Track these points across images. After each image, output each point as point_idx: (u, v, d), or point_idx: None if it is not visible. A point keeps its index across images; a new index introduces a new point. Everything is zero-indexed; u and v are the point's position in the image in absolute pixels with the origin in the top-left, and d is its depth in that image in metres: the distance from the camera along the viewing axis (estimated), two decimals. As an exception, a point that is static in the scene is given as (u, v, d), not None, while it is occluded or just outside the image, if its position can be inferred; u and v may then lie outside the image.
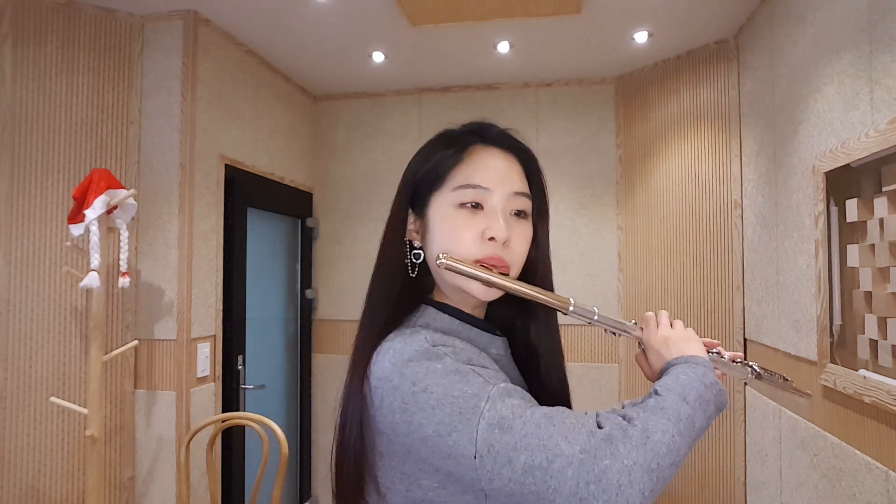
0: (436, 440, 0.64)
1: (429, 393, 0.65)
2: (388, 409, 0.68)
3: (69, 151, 2.13)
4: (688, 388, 0.68)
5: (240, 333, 2.62)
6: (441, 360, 0.68)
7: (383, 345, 0.73)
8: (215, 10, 2.30)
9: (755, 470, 2.33)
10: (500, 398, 0.64)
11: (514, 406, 0.63)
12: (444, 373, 0.66)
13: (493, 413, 0.62)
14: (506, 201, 0.78)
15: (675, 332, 0.81)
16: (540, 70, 2.99)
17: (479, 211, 0.77)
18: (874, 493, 1.42)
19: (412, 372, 0.67)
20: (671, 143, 2.75)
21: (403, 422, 0.66)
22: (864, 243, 1.48)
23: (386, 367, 0.69)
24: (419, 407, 0.65)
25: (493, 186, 0.77)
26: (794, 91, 1.90)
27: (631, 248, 2.98)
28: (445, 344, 0.71)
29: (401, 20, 2.40)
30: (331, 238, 3.37)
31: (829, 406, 1.69)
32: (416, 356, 0.68)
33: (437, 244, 0.77)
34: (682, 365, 0.74)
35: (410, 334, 0.72)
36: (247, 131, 2.67)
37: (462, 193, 0.77)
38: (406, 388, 0.67)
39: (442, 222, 0.77)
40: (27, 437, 2.01)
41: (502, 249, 0.76)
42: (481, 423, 0.62)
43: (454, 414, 0.63)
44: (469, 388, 0.65)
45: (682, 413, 0.65)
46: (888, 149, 1.34)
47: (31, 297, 2.03)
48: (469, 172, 0.78)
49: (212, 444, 2.11)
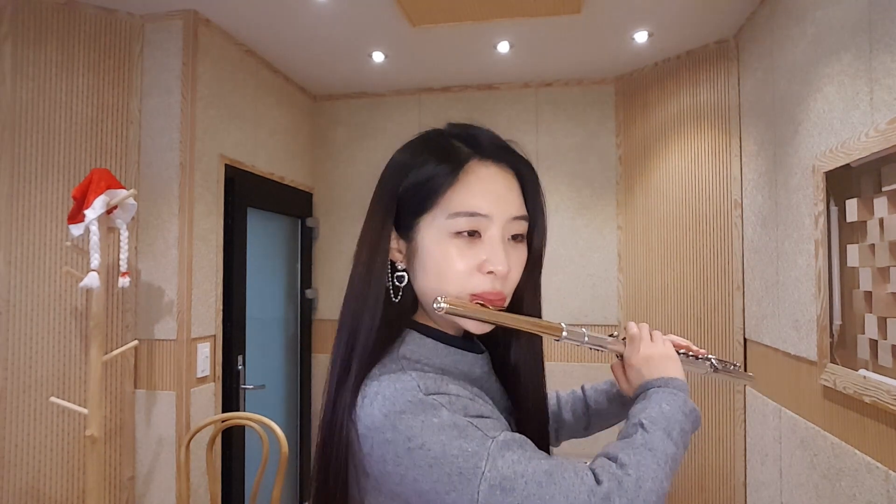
0: (432, 496, 0.62)
1: (426, 450, 0.62)
2: (378, 460, 0.65)
3: (69, 151, 2.13)
4: (672, 423, 0.70)
5: (240, 333, 2.62)
6: (437, 413, 0.64)
7: (369, 386, 0.68)
8: (215, 10, 2.30)
9: (755, 470, 2.33)
10: (499, 454, 0.62)
11: (514, 463, 0.62)
12: (440, 428, 0.63)
13: (494, 473, 0.61)
14: (504, 228, 0.72)
15: (656, 350, 0.81)
16: (540, 70, 2.99)
17: (476, 240, 0.71)
18: (874, 493, 1.42)
19: (406, 426, 0.63)
20: (671, 142, 2.75)
21: (396, 474, 0.64)
22: (864, 243, 1.48)
23: (377, 416, 0.65)
24: (415, 464, 0.62)
25: (492, 213, 0.71)
26: (794, 91, 1.90)
27: (631, 248, 2.98)
28: (439, 391, 0.66)
29: (401, 20, 2.40)
30: (331, 238, 3.37)
31: (829, 406, 1.69)
32: (410, 407, 0.64)
33: (429, 275, 0.72)
34: (663, 391, 0.74)
35: (398, 377, 0.67)
36: (247, 131, 2.67)
37: (458, 222, 0.70)
38: (400, 444, 0.63)
39: (434, 252, 0.71)
40: (27, 437, 2.01)
41: (500, 283, 0.72)
42: (482, 485, 0.60)
43: (454, 474, 0.61)
44: (468, 444, 0.62)
45: (668, 453, 0.67)
46: (888, 149, 1.34)
47: (31, 297, 2.03)
48: (466, 198, 0.70)
49: (212, 444, 2.11)
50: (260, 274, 2.88)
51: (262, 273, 2.93)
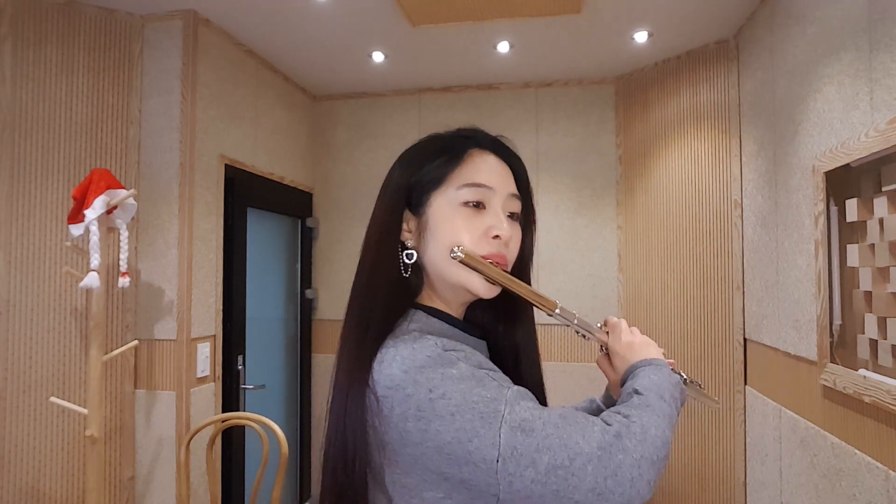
0: (454, 447, 0.64)
1: (447, 399, 0.65)
2: (398, 419, 0.67)
3: (69, 151, 2.13)
4: (662, 388, 0.75)
5: (240, 333, 2.62)
6: (455, 365, 0.68)
7: (385, 352, 0.71)
8: (215, 10, 2.30)
9: (755, 470, 2.33)
10: (516, 401, 0.66)
11: (530, 408, 0.65)
12: (460, 378, 0.66)
13: (513, 416, 0.64)
14: (504, 202, 0.80)
15: (636, 337, 0.86)
16: (540, 70, 2.99)
17: (481, 210, 0.78)
18: (874, 493, 1.42)
19: (427, 378, 0.66)
20: (671, 143, 2.75)
21: (417, 430, 0.66)
22: (864, 243, 1.48)
23: (396, 374, 0.68)
24: (437, 414, 0.65)
25: (495, 186, 0.79)
26: (794, 91, 1.90)
27: (631, 248, 2.98)
28: (456, 349, 0.71)
29: (401, 20, 2.40)
30: (331, 238, 3.37)
31: (829, 406, 1.69)
32: (430, 362, 0.67)
33: (440, 241, 0.77)
34: (648, 367, 0.79)
35: (416, 339, 0.71)
36: (247, 131, 2.67)
37: (467, 192, 0.78)
38: (422, 396, 0.65)
39: (445, 220, 0.78)
40: (27, 437, 2.01)
41: (504, 248, 0.78)
42: (503, 427, 0.63)
43: (475, 419, 0.64)
44: (487, 392, 0.66)
45: (664, 409, 0.71)
46: (888, 149, 1.34)
47: (31, 297, 2.03)
48: (472, 173, 0.79)
49: (212, 444, 2.11)
50: (260, 274, 2.88)
51: (262, 273, 2.93)
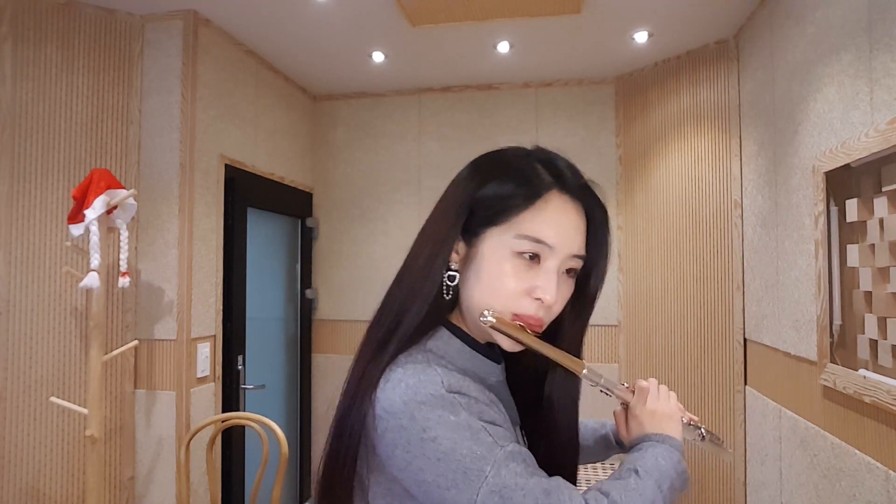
0: (432, 489, 0.65)
1: (437, 444, 0.65)
2: (389, 443, 0.67)
3: (69, 151, 2.13)
4: (664, 476, 0.72)
5: (240, 333, 2.62)
6: (455, 411, 0.67)
7: (394, 372, 0.70)
8: (215, 10, 2.30)
9: (755, 470, 2.33)
10: (505, 463, 0.65)
11: (517, 474, 0.64)
12: (455, 426, 0.65)
13: (496, 480, 0.63)
14: (562, 262, 0.75)
15: (660, 406, 0.83)
16: (540, 70, 2.99)
17: (534, 265, 0.73)
18: (874, 493, 1.42)
19: (424, 417, 0.66)
20: (671, 143, 2.75)
21: (403, 460, 0.66)
22: (864, 243, 1.48)
23: (396, 402, 0.67)
24: (424, 454, 0.65)
25: (556, 245, 0.73)
26: (794, 91, 1.90)
27: (631, 248, 2.98)
28: (461, 391, 0.69)
29: (401, 20, 2.40)
30: (331, 238, 3.37)
31: (829, 406, 1.69)
32: (431, 400, 0.67)
33: (482, 284, 0.74)
34: (661, 446, 0.77)
35: (424, 368, 0.70)
36: (247, 131, 2.67)
37: (523, 244, 0.73)
38: (414, 433, 0.66)
39: (492, 263, 0.74)
40: (27, 437, 2.01)
41: (544, 310, 0.74)
42: (483, 489, 0.63)
43: (458, 472, 0.64)
44: (478, 448, 0.65)
45: (656, 501, 0.69)
46: (888, 149, 1.34)
47: (31, 297, 2.03)
48: (538, 225, 0.73)
49: (212, 444, 2.11)
50: (260, 274, 2.88)
51: (262, 273, 2.93)
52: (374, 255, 3.30)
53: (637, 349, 2.92)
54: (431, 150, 3.27)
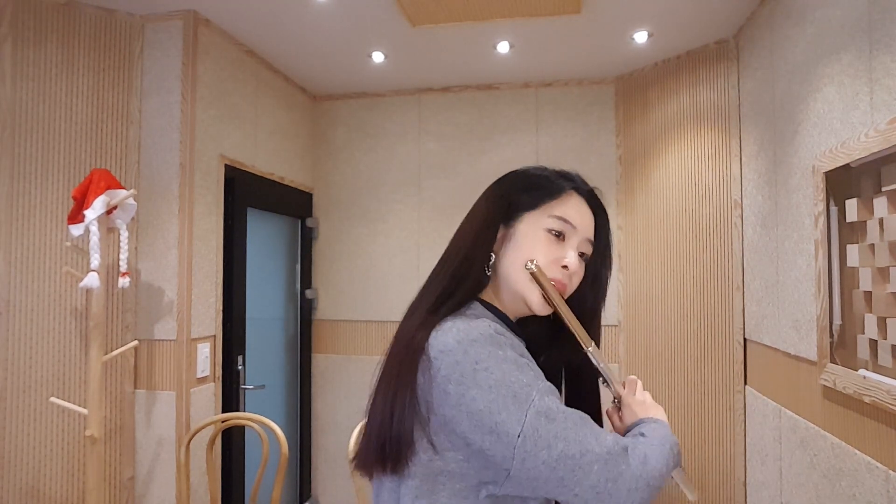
0: (484, 416, 0.73)
1: (489, 373, 0.74)
2: (443, 380, 0.76)
3: (69, 151, 2.13)
4: (664, 441, 0.84)
5: (240, 333, 2.62)
6: (503, 348, 0.78)
7: (444, 324, 0.81)
8: (215, 10, 2.30)
9: (755, 470, 2.33)
10: (546, 393, 0.76)
11: (556, 402, 0.76)
12: (504, 360, 0.76)
13: (541, 403, 0.74)
14: (580, 242, 0.92)
15: (648, 399, 0.95)
16: (540, 70, 2.99)
17: (560, 241, 0.90)
18: (874, 493, 1.42)
19: (476, 351, 0.76)
20: (671, 143, 2.75)
21: (456, 393, 0.75)
22: (864, 243, 1.48)
23: (450, 342, 0.77)
24: (477, 383, 0.74)
25: (579, 227, 0.91)
26: (794, 91, 1.90)
27: (631, 249, 2.98)
28: (505, 335, 0.81)
29: (401, 20, 2.40)
30: (331, 238, 3.37)
31: (829, 406, 1.69)
32: (481, 339, 0.77)
33: (521, 253, 0.89)
34: (655, 423, 0.88)
35: (472, 319, 0.81)
36: (247, 131, 2.67)
37: (554, 222, 0.90)
38: (468, 365, 0.75)
39: (529, 237, 0.90)
40: (27, 437, 2.01)
41: (567, 278, 0.90)
42: (531, 409, 0.73)
43: (508, 396, 0.73)
44: (524, 377, 0.76)
45: (664, 453, 0.81)
46: (888, 149, 1.34)
47: (31, 297, 2.03)
48: (565, 209, 0.91)
49: (212, 444, 2.11)
50: (260, 274, 2.88)
51: (262, 273, 2.93)
52: (374, 255, 3.30)
53: (637, 349, 2.92)
54: (431, 150, 3.27)
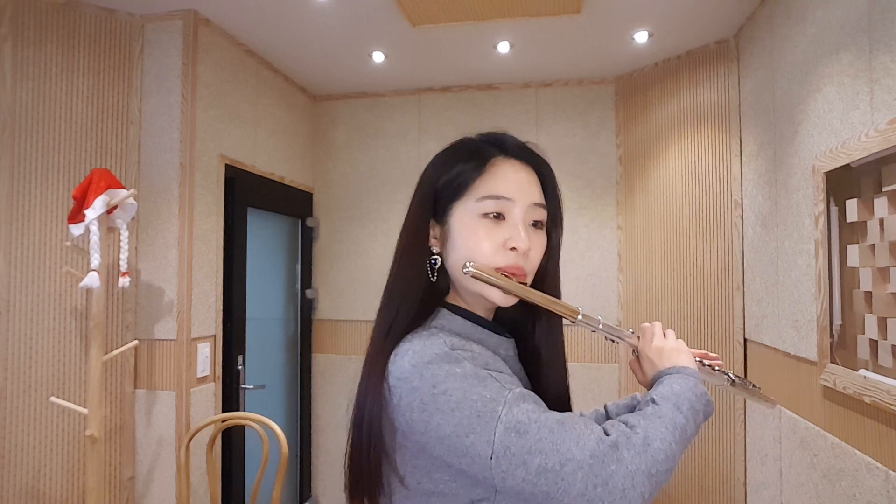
0: (453, 440, 0.68)
1: (448, 395, 0.69)
2: (405, 408, 0.71)
3: (69, 151, 2.13)
4: (681, 398, 0.75)
5: (240, 333, 2.62)
6: (460, 363, 0.71)
7: (401, 346, 0.76)
8: (215, 10, 2.30)
9: (755, 470, 2.33)
10: (515, 402, 0.68)
11: (528, 411, 0.68)
12: (462, 377, 0.70)
13: (509, 417, 0.67)
14: (526, 212, 0.81)
15: (668, 343, 0.87)
16: (540, 70, 2.99)
17: (501, 221, 0.80)
18: (874, 493, 1.42)
19: (432, 374, 0.70)
20: (671, 143, 2.75)
21: (421, 421, 0.70)
22: (864, 243, 1.48)
23: (405, 367, 0.72)
24: (438, 408, 0.69)
25: (515, 198, 0.81)
26: (794, 91, 1.90)
27: (631, 248, 2.98)
28: (463, 348, 0.74)
29: (401, 20, 2.40)
30: (331, 238, 3.37)
31: (829, 406, 1.69)
32: (436, 359, 0.72)
33: (460, 252, 0.81)
34: (675, 375, 0.80)
35: (428, 336, 0.76)
36: (247, 131, 2.67)
37: (485, 204, 0.80)
38: (426, 390, 0.70)
39: (464, 230, 0.81)
40: (27, 437, 2.01)
41: (522, 259, 0.80)
42: (499, 427, 0.66)
43: (473, 416, 0.67)
44: (487, 392, 0.69)
45: (677, 422, 0.71)
46: (888, 149, 1.34)
47: (31, 297, 2.03)
48: (492, 184, 0.81)
49: (212, 444, 2.11)
50: (260, 274, 2.88)
51: (262, 273, 2.93)
52: (374, 255, 3.30)
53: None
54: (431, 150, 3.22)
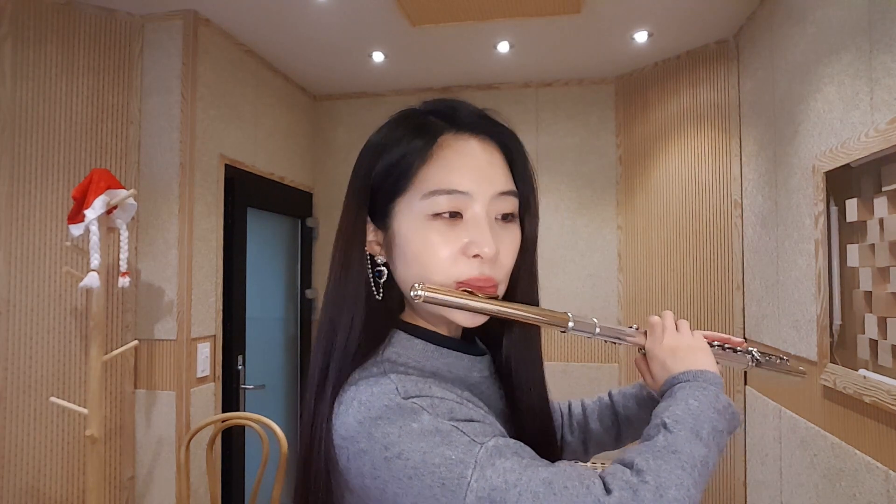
0: None
1: (404, 460, 0.54)
2: (356, 473, 0.58)
3: (69, 151, 2.13)
4: (700, 421, 0.60)
5: (240, 333, 2.62)
6: (417, 417, 0.56)
7: (346, 392, 0.61)
8: (215, 10, 2.30)
9: (755, 470, 2.33)
10: (489, 463, 0.54)
11: (506, 472, 0.53)
12: (420, 434, 0.55)
13: (482, 484, 0.53)
14: (489, 206, 0.64)
15: (682, 341, 0.72)
16: (540, 70, 2.99)
17: (457, 221, 0.63)
18: (874, 493, 1.42)
19: (382, 434, 0.56)
20: (671, 143, 2.75)
21: (376, 489, 0.57)
22: (864, 243, 1.48)
23: (351, 424, 0.58)
24: (393, 476, 0.55)
25: (473, 189, 0.63)
26: (794, 91, 1.90)
27: (631, 248, 2.98)
28: (421, 394, 0.59)
29: (401, 20, 2.40)
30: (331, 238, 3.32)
31: (829, 406, 1.69)
32: (387, 413, 0.57)
33: (409, 265, 0.64)
34: (692, 384, 0.65)
35: (377, 380, 0.60)
36: (247, 131, 2.67)
37: (435, 202, 0.62)
38: (377, 454, 0.56)
39: (412, 238, 0.63)
40: (27, 437, 2.01)
41: (489, 267, 0.63)
42: (469, 497, 0.52)
43: (435, 486, 0.53)
44: (452, 452, 0.54)
45: (696, 456, 0.57)
46: (888, 149, 1.34)
47: (31, 297, 2.03)
48: (442, 174, 0.63)
49: (212, 444, 2.11)
50: (260, 274, 2.88)
51: (262, 273, 2.93)
52: (374, 255, 3.29)
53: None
54: (431, 150, 3.26)
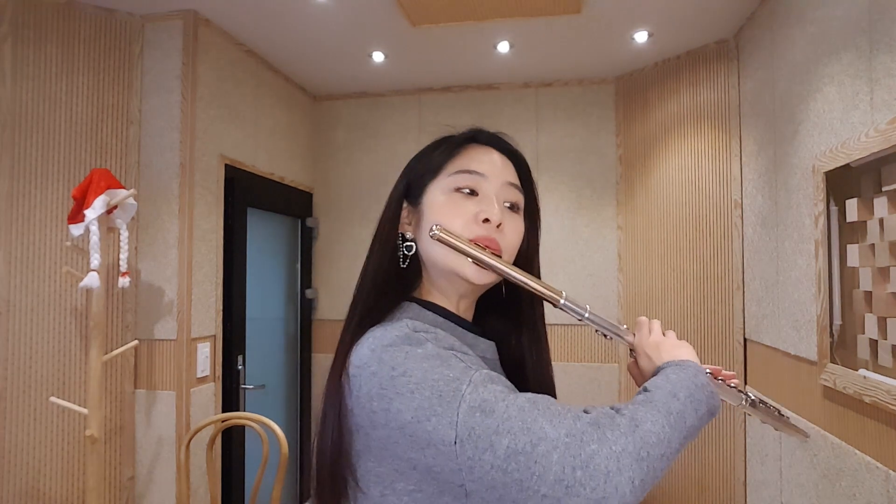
0: (414, 426, 0.61)
1: (408, 377, 0.63)
2: (365, 398, 0.66)
3: (69, 151, 2.13)
4: (678, 386, 0.68)
5: (240, 333, 2.62)
6: (422, 344, 0.66)
7: (364, 336, 0.71)
8: (215, 10, 2.30)
9: (755, 470, 2.33)
10: (482, 384, 0.62)
11: (496, 391, 0.61)
12: (424, 357, 0.65)
13: (474, 396, 0.60)
14: (500, 189, 0.79)
15: (667, 339, 0.81)
16: (540, 70, 2.99)
17: (473, 197, 0.77)
18: (874, 493, 1.42)
19: (391, 356, 0.65)
20: (671, 143, 2.75)
21: (381, 410, 0.64)
22: (864, 243, 1.48)
23: (364, 353, 0.68)
24: (398, 392, 0.63)
25: (488, 173, 0.78)
26: (794, 91, 1.90)
27: (631, 248, 2.98)
28: (427, 331, 0.69)
29: (401, 20, 2.40)
30: (331, 238, 3.37)
31: (829, 406, 1.69)
32: (396, 341, 0.67)
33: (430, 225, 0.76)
34: (673, 367, 0.73)
35: (393, 323, 0.71)
36: (247, 131, 2.67)
37: (457, 178, 0.78)
38: (385, 373, 0.64)
39: (435, 206, 0.77)
40: (27, 437, 2.01)
41: (496, 232, 0.76)
42: (462, 406, 0.60)
43: (434, 397, 0.61)
44: (450, 371, 0.63)
45: (672, 407, 0.64)
46: (888, 149, 1.34)
47: (31, 297, 2.03)
48: (465, 161, 0.79)
49: (212, 444, 2.11)
50: (260, 274, 2.88)
51: (262, 273, 2.93)
52: (374, 255, 3.29)
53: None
54: (431, 150, 3.26)
